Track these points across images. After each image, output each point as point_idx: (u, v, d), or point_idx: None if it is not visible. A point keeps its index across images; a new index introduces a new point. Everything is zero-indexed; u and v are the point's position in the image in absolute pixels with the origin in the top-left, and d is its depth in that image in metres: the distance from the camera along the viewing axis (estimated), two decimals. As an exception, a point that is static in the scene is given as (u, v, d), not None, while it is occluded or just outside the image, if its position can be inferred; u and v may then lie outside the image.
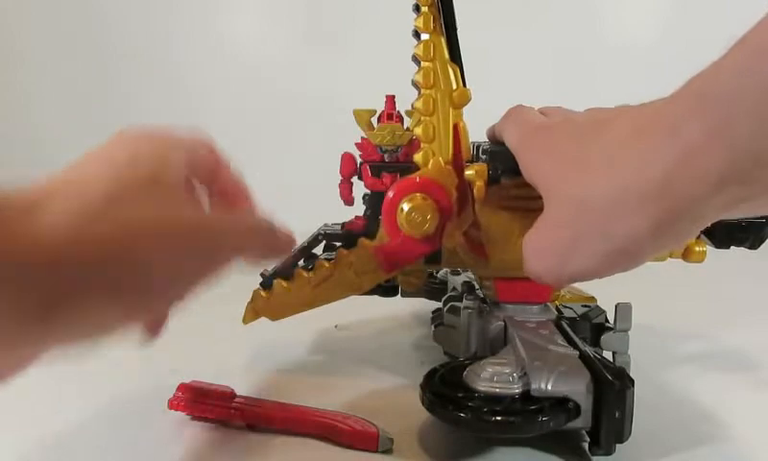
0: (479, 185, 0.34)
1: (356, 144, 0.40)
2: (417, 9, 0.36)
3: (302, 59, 0.97)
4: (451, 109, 0.36)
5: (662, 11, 0.94)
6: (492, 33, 0.84)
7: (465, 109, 0.36)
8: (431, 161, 0.36)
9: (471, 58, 0.37)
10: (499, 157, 0.33)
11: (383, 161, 0.39)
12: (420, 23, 0.35)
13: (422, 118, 0.36)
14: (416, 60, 0.36)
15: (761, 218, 0.36)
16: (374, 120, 0.40)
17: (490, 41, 0.78)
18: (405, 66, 0.37)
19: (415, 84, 0.36)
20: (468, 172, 0.34)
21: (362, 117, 0.39)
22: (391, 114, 0.39)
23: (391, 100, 0.40)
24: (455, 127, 0.36)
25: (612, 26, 0.95)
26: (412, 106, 0.37)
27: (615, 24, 0.95)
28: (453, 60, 0.36)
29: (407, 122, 0.40)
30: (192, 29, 1.00)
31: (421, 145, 0.36)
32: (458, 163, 0.36)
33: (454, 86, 0.36)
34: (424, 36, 0.36)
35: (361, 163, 0.40)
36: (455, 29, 0.35)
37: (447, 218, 0.36)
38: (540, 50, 0.91)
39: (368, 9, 0.91)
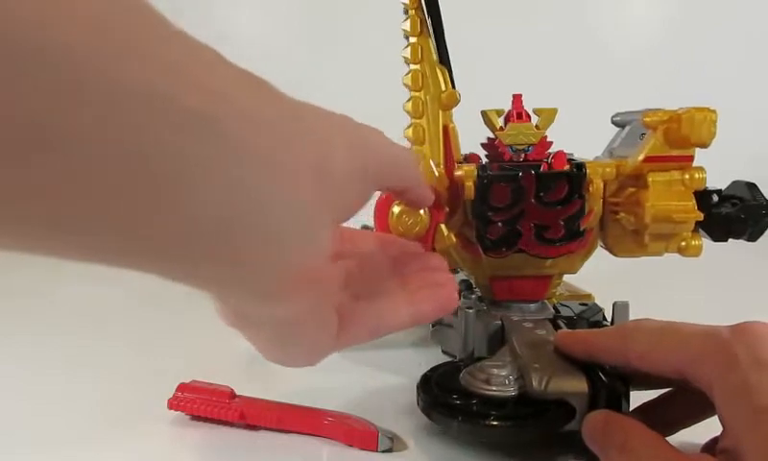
0: (468, 186, 0.34)
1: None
2: (405, 12, 0.36)
3: (295, 62, 0.97)
4: (440, 112, 0.36)
5: (661, 13, 0.92)
6: (483, 33, 0.83)
7: (455, 111, 0.37)
8: (421, 163, 0.36)
9: (461, 59, 0.37)
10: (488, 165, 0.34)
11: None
12: (407, 26, 0.36)
13: (412, 121, 0.36)
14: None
15: (760, 209, 0.35)
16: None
17: (479, 42, 0.77)
18: (399, 69, 0.37)
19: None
20: (458, 173, 0.35)
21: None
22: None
23: None
24: (445, 128, 0.36)
25: (608, 28, 0.93)
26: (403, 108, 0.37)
27: (612, 26, 0.93)
28: (441, 62, 0.36)
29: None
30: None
31: (412, 147, 0.37)
32: (449, 165, 0.36)
33: (443, 89, 0.36)
34: (412, 40, 0.36)
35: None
36: (442, 31, 0.36)
37: (439, 219, 0.36)
38: (532, 50, 0.90)
39: (363, 11, 0.90)
